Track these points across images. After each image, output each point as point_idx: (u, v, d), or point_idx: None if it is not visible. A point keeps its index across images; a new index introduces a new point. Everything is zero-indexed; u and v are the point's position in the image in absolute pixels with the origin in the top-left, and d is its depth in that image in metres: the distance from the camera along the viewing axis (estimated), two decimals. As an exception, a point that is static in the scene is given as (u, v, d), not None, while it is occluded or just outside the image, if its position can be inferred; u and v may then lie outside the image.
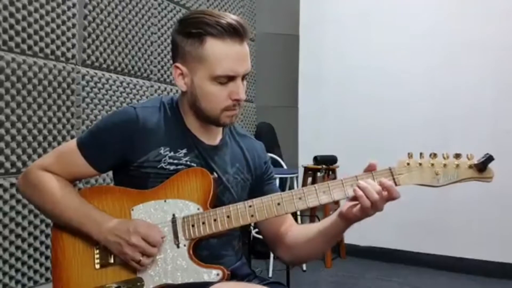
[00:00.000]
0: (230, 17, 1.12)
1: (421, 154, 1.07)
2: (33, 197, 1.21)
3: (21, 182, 1.24)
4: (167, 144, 1.18)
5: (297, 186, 3.67)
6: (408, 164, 1.07)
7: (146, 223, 1.12)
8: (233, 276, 1.18)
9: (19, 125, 2.02)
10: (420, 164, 1.06)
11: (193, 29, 1.12)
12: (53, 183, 1.18)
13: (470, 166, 1.05)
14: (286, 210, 1.10)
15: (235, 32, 1.11)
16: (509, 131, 3.30)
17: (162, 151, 1.17)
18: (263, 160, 1.34)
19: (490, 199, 3.33)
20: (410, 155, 1.07)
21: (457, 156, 1.05)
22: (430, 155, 1.06)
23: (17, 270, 2.02)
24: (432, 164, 1.06)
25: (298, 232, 1.27)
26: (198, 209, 1.13)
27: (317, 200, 1.08)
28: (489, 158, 1.03)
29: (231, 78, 1.13)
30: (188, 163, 1.18)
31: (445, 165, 1.05)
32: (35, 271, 2.10)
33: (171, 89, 2.97)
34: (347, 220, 1.11)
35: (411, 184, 1.07)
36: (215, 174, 1.18)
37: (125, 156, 1.17)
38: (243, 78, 1.16)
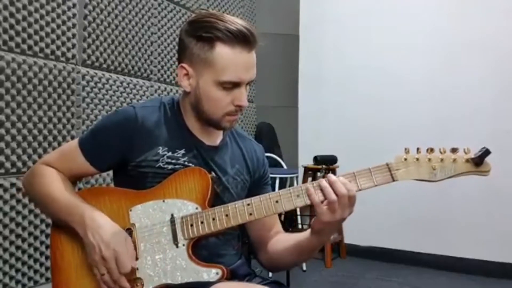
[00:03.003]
0: (241, 24, 1.12)
1: (418, 149, 1.07)
2: (33, 190, 1.22)
3: (25, 177, 1.27)
4: (165, 144, 1.19)
5: (297, 186, 3.66)
6: (405, 159, 1.07)
7: (128, 246, 1.10)
8: (233, 275, 1.18)
9: (19, 125, 2.02)
10: (417, 159, 1.07)
11: (204, 33, 1.12)
12: (54, 175, 1.20)
13: (467, 160, 1.05)
14: (284, 207, 1.09)
15: (244, 40, 1.11)
16: (509, 131, 3.30)
17: (160, 151, 1.18)
18: (261, 164, 1.34)
19: (490, 199, 3.34)
20: (407, 151, 1.07)
21: (454, 150, 1.06)
22: (427, 150, 1.07)
23: (17, 270, 2.03)
24: (429, 159, 1.06)
25: (278, 239, 1.27)
26: (197, 208, 1.13)
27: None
28: (485, 152, 1.03)
29: (236, 85, 1.13)
30: (186, 163, 1.19)
31: (442, 159, 1.06)
32: (35, 271, 2.10)
33: (171, 89, 2.97)
34: (317, 233, 1.11)
35: (409, 179, 1.07)
36: (213, 174, 1.18)
37: (124, 155, 1.18)
38: (247, 84, 1.17)
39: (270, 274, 3.24)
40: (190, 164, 1.19)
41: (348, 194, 1.05)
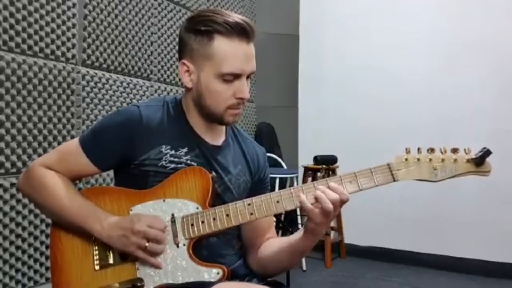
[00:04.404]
0: (239, 17, 1.14)
1: (418, 149, 1.07)
2: (34, 194, 1.21)
3: (22, 179, 1.24)
4: (168, 143, 1.19)
5: (297, 186, 3.66)
6: (406, 159, 1.07)
7: (148, 214, 1.13)
8: (233, 275, 1.18)
9: (19, 125, 2.02)
10: (418, 159, 1.07)
11: (202, 26, 1.13)
12: (56, 180, 1.18)
13: (468, 161, 1.05)
14: (285, 207, 1.09)
15: (243, 32, 1.13)
16: (509, 131, 3.30)
17: (163, 149, 1.18)
18: (262, 167, 1.34)
19: (490, 199, 3.34)
20: (407, 151, 1.07)
21: (455, 150, 1.06)
22: (428, 150, 1.07)
23: (17, 270, 2.02)
24: (430, 159, 1.06)
25: (273, 241, 1.27)
26: (197, 208, 1.13)
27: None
28: (486, 152, 1.03)
29: (236, 77, 1.14)
30: (188, 162, 1.19)
31: (443, 160, 1.06)
32: (35, 271, 2.10)
33: (171, 89, 2.97)
34: (311, 232, 1.11)
35: (409, 179, 1.07)
36: (214, 173, 1.18)
37: (127, 155, 1.18)
38: (248, 77, 1.17)
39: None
40: (193, 163, 1.19)
41: (341, 198, 1.05)
